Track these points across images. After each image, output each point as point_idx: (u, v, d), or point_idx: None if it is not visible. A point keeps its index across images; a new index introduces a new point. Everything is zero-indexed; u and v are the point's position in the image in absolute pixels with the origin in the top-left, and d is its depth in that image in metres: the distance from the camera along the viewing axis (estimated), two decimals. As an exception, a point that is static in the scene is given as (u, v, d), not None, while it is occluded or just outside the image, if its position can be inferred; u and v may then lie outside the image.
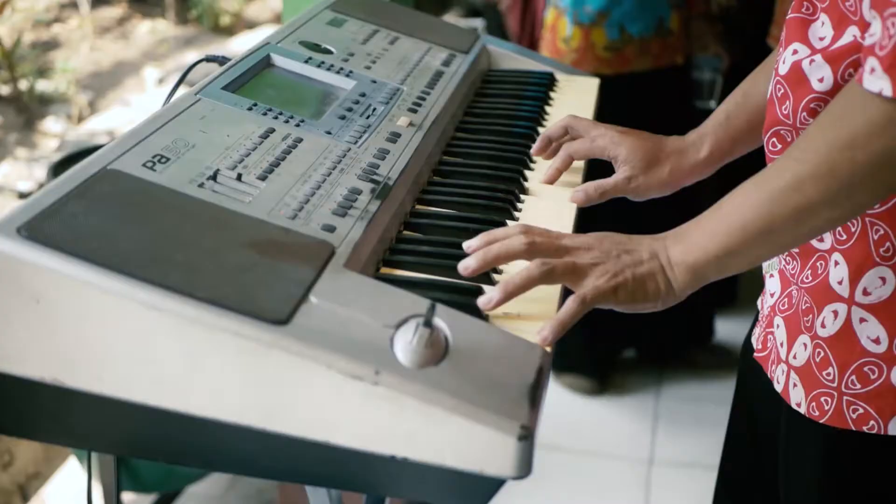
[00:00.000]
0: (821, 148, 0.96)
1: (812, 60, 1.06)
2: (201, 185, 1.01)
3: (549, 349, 0.94)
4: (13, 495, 2.69)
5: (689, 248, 1.03)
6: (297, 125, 1.20)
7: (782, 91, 1.10)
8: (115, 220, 0.91)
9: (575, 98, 1.63)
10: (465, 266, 1.02)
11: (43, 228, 0.86)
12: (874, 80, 0.92)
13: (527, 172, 1.34)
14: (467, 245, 1.05)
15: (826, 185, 0.96)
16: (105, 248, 0.86)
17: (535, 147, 1.37)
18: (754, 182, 1.01)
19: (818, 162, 0.96)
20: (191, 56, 5.46)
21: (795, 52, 1.09)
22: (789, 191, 0.97)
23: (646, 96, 2.95)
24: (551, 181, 1.32)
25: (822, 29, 1.07)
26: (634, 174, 1.29)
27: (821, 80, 1.05)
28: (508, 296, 0.99)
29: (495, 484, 0.85)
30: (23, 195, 3.39)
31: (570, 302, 0.99)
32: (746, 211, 1.00)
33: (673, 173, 1.31)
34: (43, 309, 0.85)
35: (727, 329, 3.47)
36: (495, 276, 1.06)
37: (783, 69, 1.10)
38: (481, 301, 0.99)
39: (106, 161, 0.99)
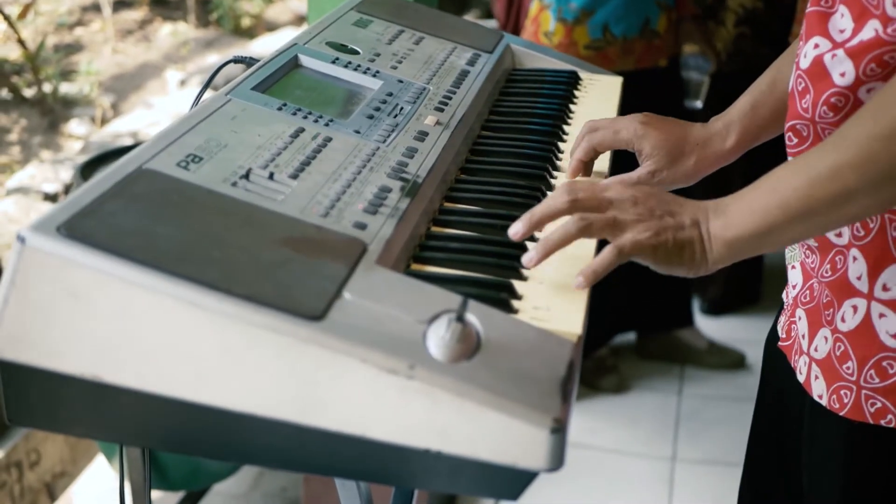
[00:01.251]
0: (860, 137, 0.97)
1: (834, 55, 1.06)
2: (234, 184, 1.02)
3: (579, 338, 0.96)
4: (40, 494, 2.72)
5: (728, 223, 1.04)
6: (327, 125, 1.22)
7: (803, 85, 1.10)
8: (151, 219, 0.92)
9: (599, 96, 1.64)
10: (515, 231, 1.06)
11: (81, 227, 0.88)
12: None
13: (552, 170, 1.35)
14: (512, 230, 1.07)
15: (864, 173, 0.97)
16: (143, 245, 0.88)
17: (569, 171, 1.33)
18: (795, 165, 1.02)
19: (857, 151, 0.97)
20: (212, 58, 5.49)
21: (817, 45, 1.09)
22: (829, 176, 0.98)
23: (628, 97, 2.93)
24: (576, 174, 1.32)
25: (841, 21, 1.07)
26: (659, 168, 1.30)
27: (842, 75, 1.06)
28: (547, 252, 1.03)
29: (528, 476, 0.86)
30: (48, 196, 3.42)
31: (607, 251, 1.02)
32: (787, 193, 1.00)
33: (698, 164, 1.31)
34: (82, 306, 0.87)
35: (751, 327, 3.47)
36: (524, 273, 1.08)
37: (804, 63, 1.11)
38: (524, 259, 1.04)
39: (141, 161, 1.01)
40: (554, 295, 1.03)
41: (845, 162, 0.97)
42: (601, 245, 1.09)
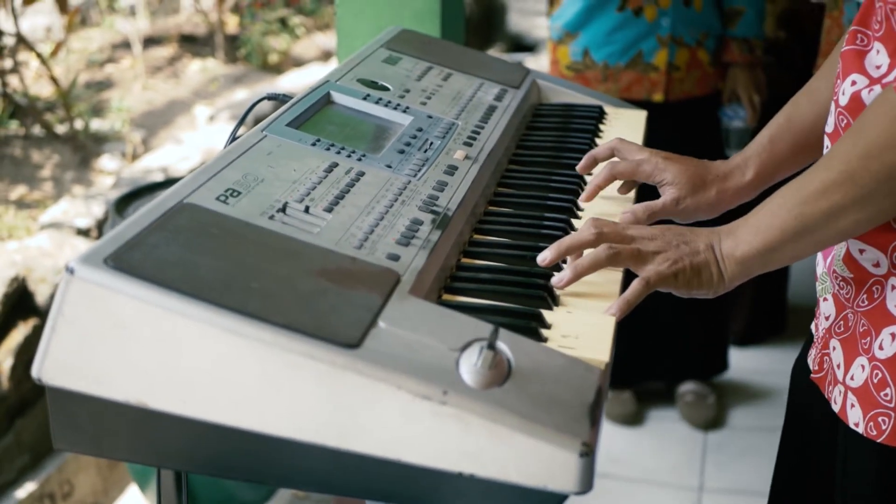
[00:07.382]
0: (843, 156, 1.05)
1: (871, 90, 1.09)
2: (272, 217, 1.06)
3: (606, 365, 0.98)
4: (73, 525, 2.75)
5: (737, 242, 1.12)
6: (359, 159, 1.25)
7: (846, 122, 1.13)
8: (193, 251, 0.96)
9: (623, 130, 1.67)
10: (543, 257, 1.14)
11: (128, 259, 0.92)
12: None
13: (578, 203, 1.38)
14: (541, 257, 1.14)
15: (847, 191, 1.04)
16: (186, 276, 0.91)
17: (580, 165, 1.41)
18: (791, 186, 1.10)
19: (841, 169, 1.04)
20: (240, 94, 5.56)
21: (854, 83, 1.12)
22: (818, 195, 1.06)
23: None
24: (590, 197, 1.36)
25: (877, 57, 1.10)
26: (682, 195, 1.33)
27: None
28: (577, 275, 1.11)
29: (558, 499, 0.88)
30: (80, 231, 3.47)
31: (636, 283, 1.10)
32: (783, 213, 1.09)
33: (719, 196, 1.35)
34: (129, 334, 0.90)
35: (778, 357, 3.47)
36: (552, 303, 1.10)
37: (843, 100, 1.13)
38: (554, 280, 1.11)
39: (182, 195, 1.04)
40: (582, 324, 1.06)
41: (830, 181, 1.05)
42: (628, 279, 1.13)
